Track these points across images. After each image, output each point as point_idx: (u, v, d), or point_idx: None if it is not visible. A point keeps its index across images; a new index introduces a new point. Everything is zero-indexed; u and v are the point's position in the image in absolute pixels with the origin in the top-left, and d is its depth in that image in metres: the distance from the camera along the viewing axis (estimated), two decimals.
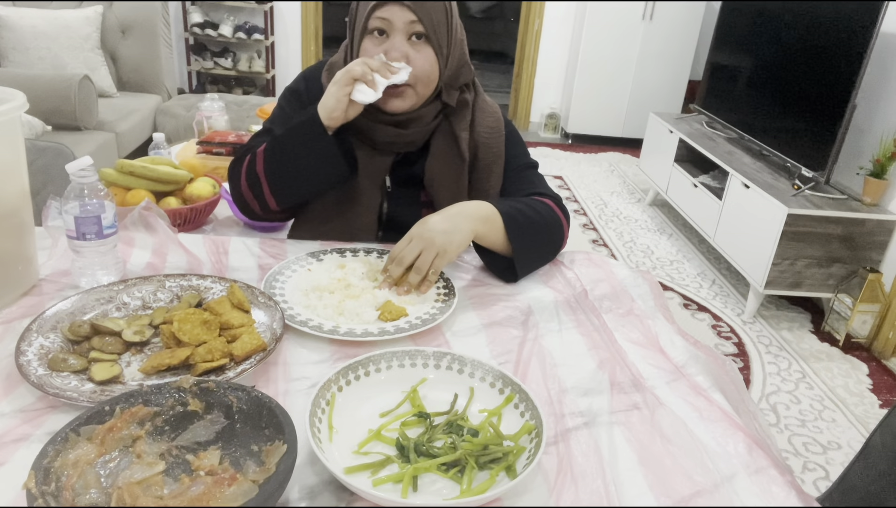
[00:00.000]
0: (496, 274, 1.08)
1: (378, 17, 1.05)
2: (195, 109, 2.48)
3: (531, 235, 1.06)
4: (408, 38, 1.06)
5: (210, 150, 1.96)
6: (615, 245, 3.35)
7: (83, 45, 3.29)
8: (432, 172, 1.16)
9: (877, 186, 2.57)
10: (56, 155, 1.53)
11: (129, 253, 1.05)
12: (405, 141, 1.15)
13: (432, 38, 1.07)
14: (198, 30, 4.46)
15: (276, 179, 1.09)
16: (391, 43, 1.06)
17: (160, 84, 3.69)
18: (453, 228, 0.99)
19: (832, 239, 2.55)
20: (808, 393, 2.26)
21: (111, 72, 3.49)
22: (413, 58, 1.06)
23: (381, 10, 1.05)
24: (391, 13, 1.05)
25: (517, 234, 1.04)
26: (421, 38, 1.06)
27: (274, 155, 1.08)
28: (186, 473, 0.61)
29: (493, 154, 1.19)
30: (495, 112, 1.21)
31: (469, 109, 1.17)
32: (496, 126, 1.20)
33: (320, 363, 0.82)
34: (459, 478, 0.64)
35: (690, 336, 0.97)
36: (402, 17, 1.04)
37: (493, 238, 1.04)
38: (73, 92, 2.80)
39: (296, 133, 1.07)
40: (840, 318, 2.59)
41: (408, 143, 1.15)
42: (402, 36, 1.06)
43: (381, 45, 1.06)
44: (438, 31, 1.07)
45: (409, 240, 0.99)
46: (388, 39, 1.06)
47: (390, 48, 1.05)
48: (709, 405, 0.79)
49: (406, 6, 1.04)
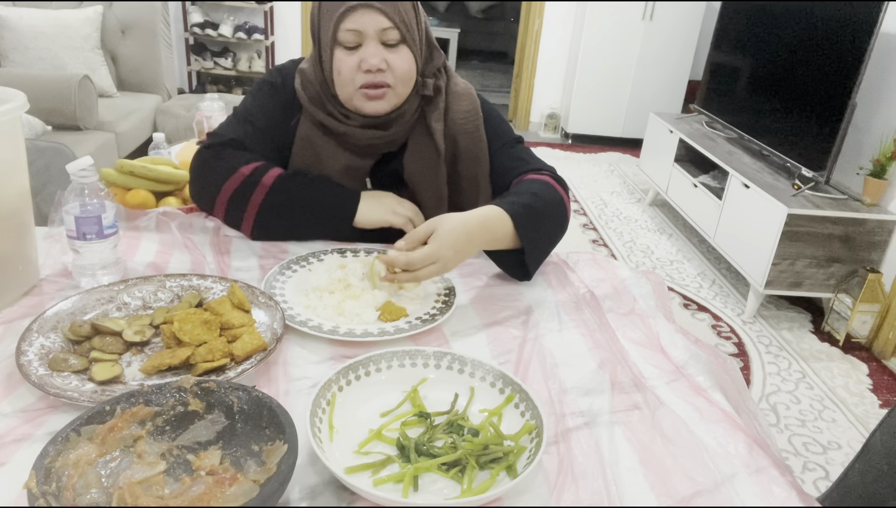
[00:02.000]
0: (508, 273, 1.07)
1: (348, 29, 1.01)
2: (195, 109, 2.48)
3: (539, 230, 1.04)
4: (381, 42, 1.03)
5: None
6: (615, 245, 3.35)
7: (83, 45, 3.29)
8: (411, 169, 1.14)
9: (877, 186, 2.57)
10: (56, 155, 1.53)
11: (132, 253, 1.05)
12: (386, 141, 1.13)
13: (408, 39, 1.04)
14: (198, 30, 4.46)
15: (270, 224, 1.09)
16: (367, 51, 1.02)
17: (160, 84, 3.69)
18: (467, 249, 0.96)
19: (832, 239, 2.55)
20: (808, 393, 2.26)
21: (111, 72, 3.49)
22: (391, 62, 1.03)
23: (349, 21, 1.00)
24: (362, 23, 1.00)
25: (527, 236, 1.01)
26: (395, 42, 1.03)
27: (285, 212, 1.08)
28: (187, 473, 0.61)
29: (474, 139, 1.15)
30: (469, 94, 1.17)
31: (442, 96, 1.14)
32: (472, 108, 1.16)
33: (320, 362, 0.82)
34: (460, 478, 0.64)
35: (691, 335, 0.97)
36: (374, 25, 1.01)
37: (499, 246, 1.02)
38: (73, 92, 2.80)
39: (323, 212, 1.08)
40: (840, 318, 2.59)
41: (389, 142, 1.13)
42: (376, 42, 1.02)
43: (356, 54, 1.02)
44: (411, 29, 1.04)
45: (433, 260, 0.92)
46: (363, 48, 1.02)
47: (367, 56, 1.01)
48: (709, 406, 0.79)
49: (377, 9, 0.99)
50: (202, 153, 1.11)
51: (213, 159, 1.10)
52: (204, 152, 1.11)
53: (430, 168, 1.14)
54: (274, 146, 1.13)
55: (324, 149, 1.12)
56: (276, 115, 1.14)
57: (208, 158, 1.10)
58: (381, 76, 1.03)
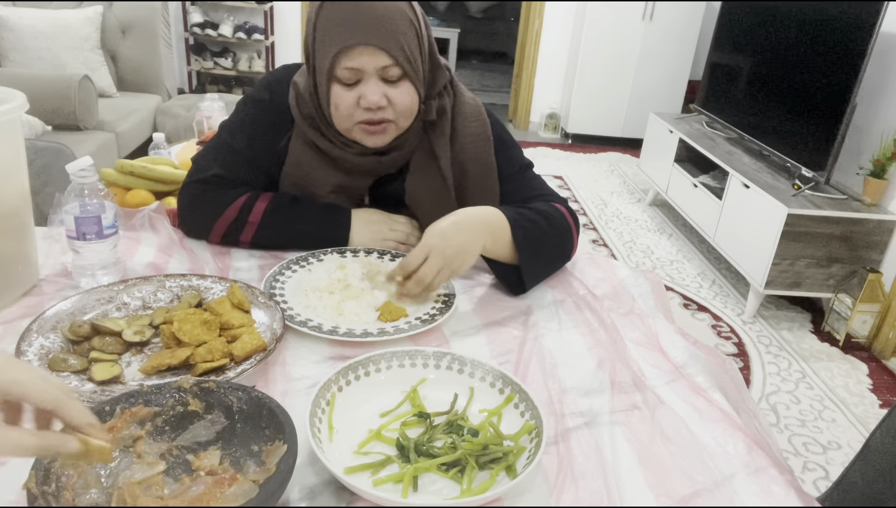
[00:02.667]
0: (504, 285, 1.04)
1: (347, 67, 0.94)
2: (195, 109, 2.48)
3: (539, 247, 1.01)
4: (382, 78, 0.96)
5: None
6: (615, 245, 3.35)
7: (83, 45, 3.29)
8: (413, 192, 1.09)
9: (877, 186, 2.57)
10: (56, 155, 1.53)
11: (132, 253, 1.05)
12: (386, 166, 1.09)
13: (409, 73, 0.97)
14: (198, 30, 4.46)
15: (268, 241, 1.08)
16: (366, 88, 0.95)
17: (160, 84, 3.69)
18: (469, 245, 0.93)
19: (832, 239, 2.55)
20: (808, 393, 2.26)
21: (111, 72, 3.49)
22: (392, 97, 0.97)
23: (348, 59, 0.94)
24: (360, 61, 0.94)
25: (525, 247, 0.99)
26: (397, 78, 0.97)
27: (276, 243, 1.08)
28: (187, 473, 0.61)
29: (483, 166, 1.09)
30: (479, 114, 1.10)
31: (448, 119, 1.07)
32: (481, 131, 1.09)
33: (320, 363, 0.82)
34: (460, 478, 0.64)
35: (690, 336, 0.97)
36: (374, 63, 0.94)
37: (498, 252, 0.99)
38: (73, 92, 2.80)
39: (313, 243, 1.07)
40: (840, 318, 2.59)
41: (389, 166, 1.09)
42: (376, 78, 0.96)
43: (354, 89, 0.96)
44: (414, 62, 0.97)
45: (425, 254, 0.91)
46: (362, 84, 0.96)
47: (367, 94, 0.95)
48: (709, 406, 0.79)
49: (377, 46, 0.93)
50: (189, 189, 1.08)
51: (199, 199, 1.07)
52: (191, 188, 1.08)
53: (434, 195, 1.09)
54: (261, 171, 1.09)
55: (317, 169, 1.08)
56: (262, 137, 1.08)
57: (196, 196, 1.08)
58: (381, 113, 0.98)
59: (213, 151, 1.10)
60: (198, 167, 1.09)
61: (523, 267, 0.99)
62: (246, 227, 1.06)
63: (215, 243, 1.09)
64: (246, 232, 1.06)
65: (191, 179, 1.08)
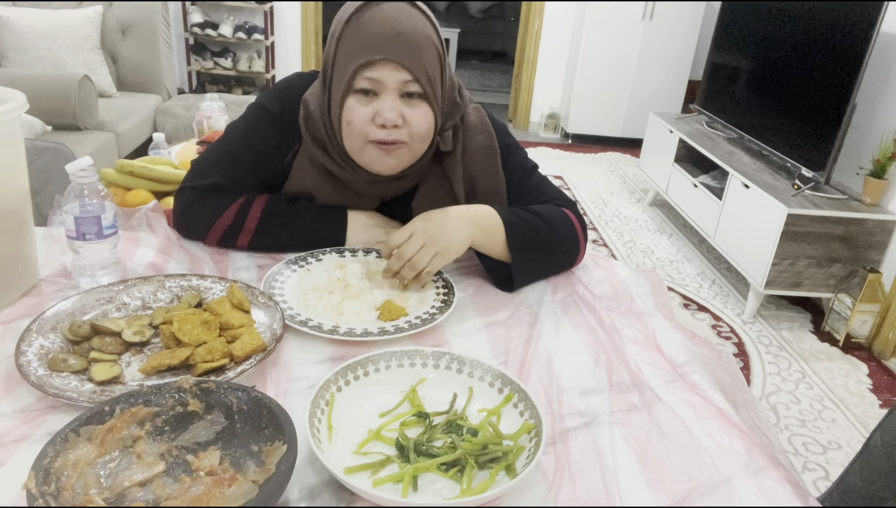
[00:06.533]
0: (494, 281, 1.05)
1: (366, 77, 0.93)
2: (195, 109, 2.48)
3: (535, 251, 1.02)
4: (400, 95, 0.95)
5: None
6: (615, 245, 3.35)
7: (83, 45, 3.29)
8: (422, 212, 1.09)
9: (877, 186, 2.57)
10: (56, 155, 1.53)
11: (132, 253, 1.05)
12: (394, 190, 1.08)
13: (429, 95, 0.96)
14: (198, 30, 4.46)
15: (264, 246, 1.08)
16: (383, 103, 0.94)
17: (160, 84, 3.69)
18: (456, 229, 0.96)
19: (832, 239, 2.55)
20: (808, 393, 2.26)
21: (111, 72, 3.49)
22: (409, 117, 0.95)
23: (369, 71, 0.93)
24: (381, 74, 0.93)
25: (518, 249, 1.00)
26: (415, 95, 0.95)
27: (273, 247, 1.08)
28: (186, 473, 0.61)
29: (492, 179, 1.08)
30: (484, 125, 1.08)
31: (459, 140, 1.06)
32: (489, 144, 1.08)
33: (320, 363, 0.82)
34: (459, 478, 0.64)
35: (688, 331, 0.97)
36: (394, 78, 0.93)
37: (489, 248, 1.01)
38: (73, 92, 2.80)
39: (310, 246, 1.07)
40: (840, 318, 2.59)
41: (396, 190, 1.08)
42: (394, 94, 0.94)
43: (370, 104, 0.95)
44: (434, 84, 0.96)
45: (409, 233, 0.95)
46: (379, 99, 0.94)
47: (383, 110, 0.93)
48: (707, 405, 0.79)
49: (400, 66, 0.92)
50: (186, 193, 1.07)
51: (196, 204, 1.06)
52: (188, 193, 1.07)
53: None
54: (263, 181, 1.08)
55: (321, 189, 1.07)
56: (267, 150, 1.07)
57: (193, 201, 1.07)
58: (395, 133, 0.95)
59: (215, 157, 1.08)
60: (198, 172, 1.08)
61: (515, 269, 1.01)
62: (242, 232, 1.06)
63: (212, 246, 1.09)
64: (242, 238, 1.06)
65: (188, 183, 1.08)
